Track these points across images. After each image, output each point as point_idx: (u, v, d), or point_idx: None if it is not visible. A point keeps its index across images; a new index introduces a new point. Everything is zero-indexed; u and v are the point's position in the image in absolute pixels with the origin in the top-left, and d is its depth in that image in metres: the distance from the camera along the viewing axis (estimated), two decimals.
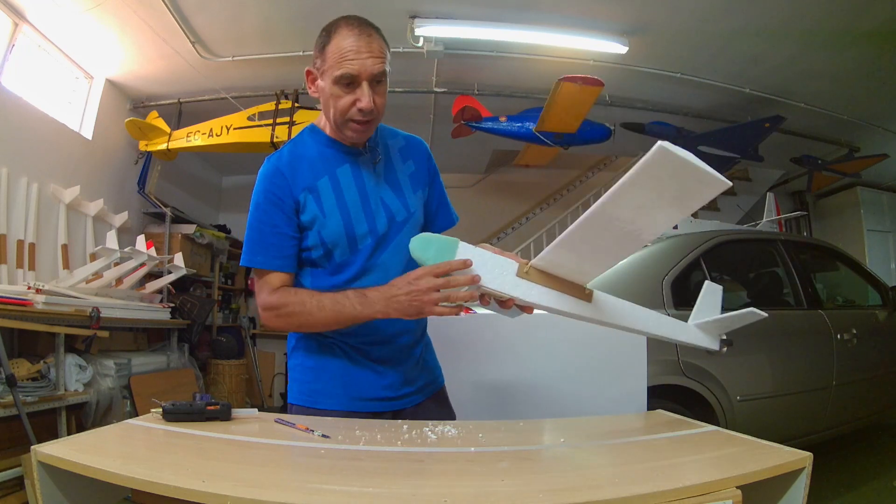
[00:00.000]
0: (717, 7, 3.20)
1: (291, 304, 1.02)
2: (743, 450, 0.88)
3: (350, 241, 1.06)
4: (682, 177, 0.66)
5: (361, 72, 0.99)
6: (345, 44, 0.98)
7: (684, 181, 0.66)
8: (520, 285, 0.86)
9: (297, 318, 1.03)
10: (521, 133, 4.13)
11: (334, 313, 0.99)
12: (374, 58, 0.99)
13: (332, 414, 1.07)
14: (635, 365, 1.37)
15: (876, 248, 5.97)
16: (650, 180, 0.67)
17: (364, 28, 1.00)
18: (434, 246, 0.85)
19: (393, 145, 1.17)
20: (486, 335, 1.50)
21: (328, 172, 1.07)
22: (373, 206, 1.09)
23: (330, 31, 1.02)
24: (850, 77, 3.92)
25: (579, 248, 0.80)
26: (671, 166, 0.64)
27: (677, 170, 0.64)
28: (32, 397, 2.34)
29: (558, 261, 0.84)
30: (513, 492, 0.68)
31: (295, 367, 1.14)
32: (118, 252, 3.22)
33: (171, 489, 0.64)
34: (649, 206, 0.71)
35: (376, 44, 1.00)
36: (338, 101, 1.01)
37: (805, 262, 2.77)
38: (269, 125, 3.78)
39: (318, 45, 1.03)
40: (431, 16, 3.31)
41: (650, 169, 0.65)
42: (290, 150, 1.09)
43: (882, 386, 2.77)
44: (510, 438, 0.96)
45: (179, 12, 3.14)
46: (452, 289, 0.87)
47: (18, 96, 3.12)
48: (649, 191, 0.68)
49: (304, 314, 1.01)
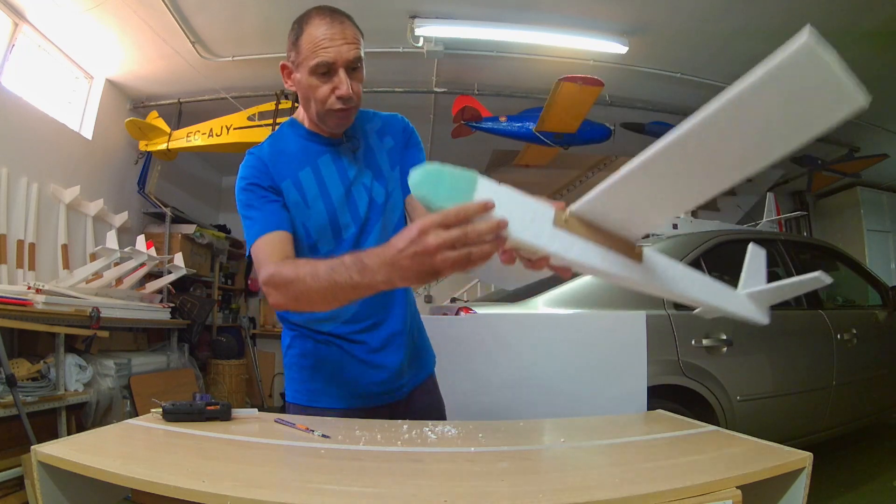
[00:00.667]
0: (717, 7, 3.20)
1: (285, 273, 0.89)
2: (743, 450, 0.88)
3: (334, 230, 1.07)
4: (820, 90, 0.52)
5: (337, 58, 0.98)
6: (317, 32, 0.97)
7: (820, 96, 0.52)
8: (557, 237, 0.64)
9: (292, 288, 0.87)
10: (521, 133, 4.13)
11: (329, 283, 0.80)
12: (349, 44, 0.98)
13: (332, 412, 1.08)
14: (635, 365, 1.37)
15: (876, 248, 5.96)
16: (777, 89, 0.51)
17: (336, 16, 1.00)
18: (446, 182, 0.62)
19: (370, 129, 1.16)
20: (486, 335, 1.50)
21: (310, 164, 1.07)
22: (354, 193, 1.09)
23: (301, 22, 1.00)
24: None
25: (648, 185, 0.61)
26: (813, 73, 0.50)
27: (819, 80, 0.50)
28: (32, 397, 2.34)
29: (610, 206, 0.64)
30: (513, 492, 0.68)
31: (291, 365, 1.14)
32: (118, 252, 3.22)
33: (171, 489, 0.64)
34: (768, 122, 0.55)
35: (350, 30, 0.99)
36: (316, 91, 1.00)
37: (805, 262, 2.78)
38: (269, 125, 3.78)
39: (290, 39, 1.02)
40: (431, 16, 3.31)
41: (784, 72, 0.50)
42: (271, 143, 1.10)
43: (882, 386, 2.77)
44: (510, 438, 0.96)
45: (179, 12, 3.14)
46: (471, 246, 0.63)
47: (18, 96, 3.12)
48: (777, 101, 0.53)
49: (298, 282, 0.85)
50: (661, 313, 2.15)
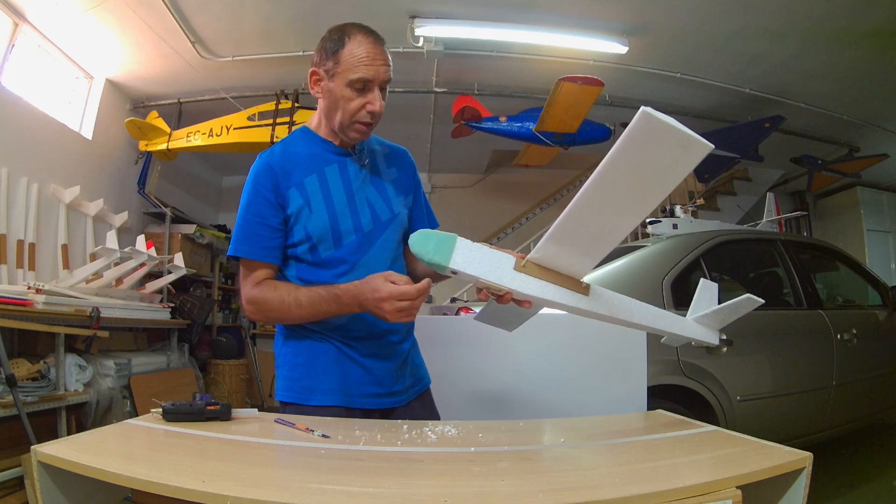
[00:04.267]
0: (717, 7, 3.20)
1: (270, 301, 1.06)
2: (743, 450, 0.88)
3: (335, 236, 1.09)
4: (667, 143, 0.67)
5: (376, 77, 1.05)
6: (360, 50, 1.04)
7: (669, 148, 0.68)
8: (517, 278, 0.86)
9: (275, 314, 1.08)
10: (521, 133, 4.13)
11: (312, 312, 1.04)
12: (387, 66, 1.07)
13: (326, 410, 1.08)
14: (635, 365, 1.37)
15: (876, 248, 5.97)
16: (636, 150, 0.68)
17: (378, 37, 1.07)
18: (433, 240, 0.86)
19: (379, 151, 1.22)
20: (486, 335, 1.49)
21: (316, 170, 1.11)
22: (358, 205, 1.13)
23: (343, 35, 1.06)
24: (850, 77, 3.93)
25: (571, 238, 0.81)
26: (656, 132, 0.66)
27: (662, 136, 0.66)
28: (32, 397, 2.34)
29: (552, 254, 0.85)
30: (513, 492, 0.68)
31: (285, 363, 1.14)
32: (118, 252, 3.22)
33: (171, 489, 0.64)
34: (637, 181, 0.72)
35: (387, 53, 1.08)
36: (348, 103, 1.06)
37: (805, 262, 2.77)
38: (269, 125, 3.78)
39: (328, 49, 1.07)
40: (431, 16, 3.31)
41: (635, 137, 0.66)
42: (282, 148, 1.14)
43: (882, 386, 2.77)
44: (510, 438, 0.96)
45: (179, 12, 3.15)
46: (410, 313, 0.97)
47: (18, 96, 3.12)
48: (636, 163, 0.69)
49: (283, 311, 1.06)
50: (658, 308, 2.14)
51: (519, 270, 0.87)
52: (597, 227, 0.80)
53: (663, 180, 0.72)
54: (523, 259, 0.88)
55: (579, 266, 0.87)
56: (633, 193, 0.74)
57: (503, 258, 0.87)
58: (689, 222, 3.94)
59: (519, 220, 6.46)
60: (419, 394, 1.22)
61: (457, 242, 0.86)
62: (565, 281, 0.88)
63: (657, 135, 0.66)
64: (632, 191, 0.73)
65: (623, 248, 2.60)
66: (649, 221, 3.98)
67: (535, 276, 0.87)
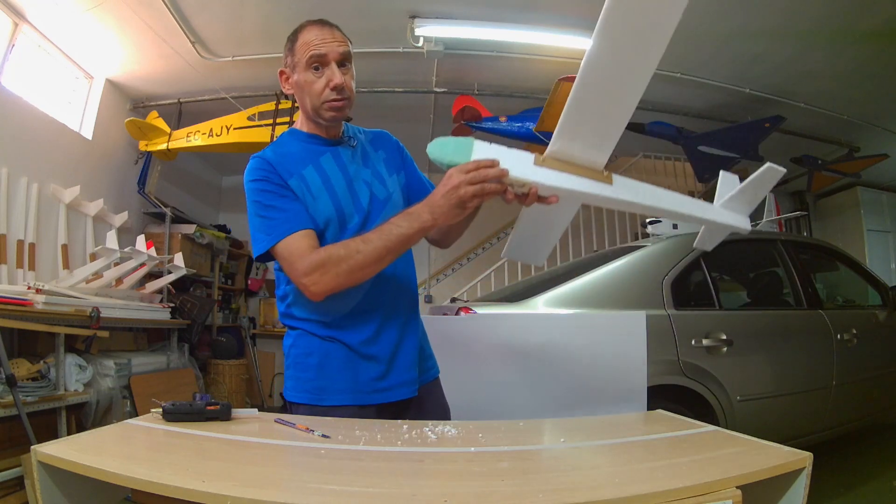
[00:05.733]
0: (716, 7, 3.20)
1: (334, 255, 1.00)
2: (743, 450, 0.88)
3: (340, 219, 1.11)
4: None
5: (329, 52, 1.10)
6: (310, 36, 1.11)
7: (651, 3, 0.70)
8: (539, 172, 0.86)
9: (345, 265, 0.99)
10: (521, 133, 4.12)
11: (383, 241, 0.98)
12: (338, 41, 1.11)
13: (340, 409, 1.08)
14: (635, 365, 1.37)
15: (876, 248, 5.96)
16: (622, 13, 0.70)
17: (325, 22, 1.13)
18: (451, 146, 0.88)
19: (363, 138, 1.26)
20: (486, 335, 1.50)
21: (312, 162, 1.14)
22: (356, 187, 1.16)
23: (296, 32, 1.14)
24: (850, 77, 3.92)
25: (581, 126, 0.82)
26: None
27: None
28: (32, 397, 2.34)
29: (568, 146, 0.85)
30: (513, 492, 0.68)
31: (296, 364, 1.14)
32: (118, 252, 3.22)
33: (171, 489, 0.64)
34: (628, 46, 0.74)
35: (338, 33, 1.13)
36: (312, 86, 1.11)
37: (805, 262, 2.77)
38: (269, 125, 3.78)
39: (287, 48, 1.15)
40: (431, 16, 3.31)
41: None
42: (273, 148, 1.16)
43: (882, 386, 2.77)
44: (510, 438, 0.96)
45: (179, 12, 3.14)
46: (483, 182, 0.89)
47: (18, 96, 3.12)
48: (624, 28, 0.72)
49: (351, 256, 0.99)
50: (661, 313, 2.15)
51: (539, 165, 0.87)
52: (605, 102, 0.80)
53: (652, 45, 0.75)
54: (541, 155, 0.88)
55: (597, 152, 0.86)
56: (630, 53, 0.75)
57: (522, 154, 0.88)
58: None
59: None
60: (429, 381, 1.23)
61: (475, 143, 0.88)
62: (586, 171, 0.88)
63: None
64: (628, 51, 0.75)
65: (623, 248, 2.60)
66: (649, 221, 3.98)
67: (556, 169, 0.87)
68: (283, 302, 1.17)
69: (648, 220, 3.99)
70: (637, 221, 4.97)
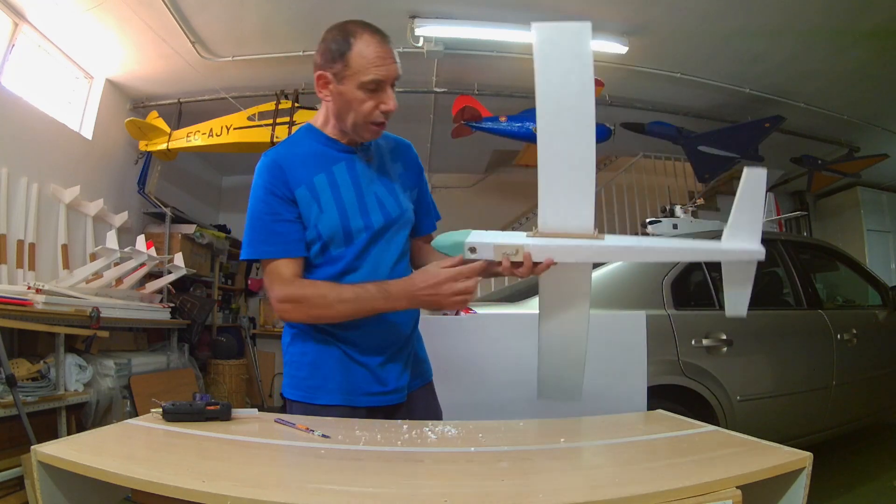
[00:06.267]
0: (716, 7, 3.20)
1: (312, 298, 1.03)
2: (743, 450, 0.88)
3: (346, 234, 1.09)
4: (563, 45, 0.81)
5: (388, 77, 1.05)
6: (369, 51, 1.03)
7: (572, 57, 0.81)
8: (531, 240, 0.91)
9: (316, 311, 1.04)
10: (521, 133, 4.13)
11: (355, 307, 1.02)
12: (396, 63, 1.06)
13: (331, 409, 1.08)
14: (635, 365, 1.37)
15: (876, 248, 5.96)
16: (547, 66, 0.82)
17: (384, 36, 1.06)
18: (451, 236, 0.95)
19: (384, 146, 1.21)
20: (486, 335, 1.50)
21: (324, 169, 1.10)
22: (367, 202, 1.12)
23: (347, 36, 1.04)
24: (850, 77, 3.92)
25: (555, 187, 0.88)
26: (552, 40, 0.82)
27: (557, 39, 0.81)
28: (32, 397, 2.34)
29: (552, 214, 0.90)
30: (513, 492, 0.68)
31: (292, 362, 1.15)
32: (118, 252, 3.22)
33: (171, 489, 0.64)
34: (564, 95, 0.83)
35: (394, 50, 1.07)
36: (361, 104, 1.05)
37: (805, 262, 2.77)
38: (269, 125, 3.78)
39: (334, 51, 1.04)
40: (431, 16, 3.31)
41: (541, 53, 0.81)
42: (287, 146, 1.13)
43: (882, 386, 2.77)
44: (510, 438, 0.96)
45: (179, 12, 3.14)
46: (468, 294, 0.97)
47: (18, 96, 3.12)
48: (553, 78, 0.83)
49: (325, 307, 1.02)
50: (661, 313, 2.15)
51: (531, 236, 0.92)
52: (567, 160, 0.87)
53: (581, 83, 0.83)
54: (533, 230, 0.94)
55: (580, 215, 0.90)
56: (570, 109, 0.84)
57: (516, 234, 0.94)
58: (689, 222, 3.94)
59: (519, 220, 6.45)
60: (421, 387, 1.22)
61: (471, 232, 0.95)
62: (576, 235, 0.91)
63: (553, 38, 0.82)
64: (568, 108, 0.84)
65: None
66: (649, 221, 3.98)
67: (547, 237, 0.91)
68: None
69: (648, 220, 4.00)
70: (637, 221, 4.97)
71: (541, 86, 0.86)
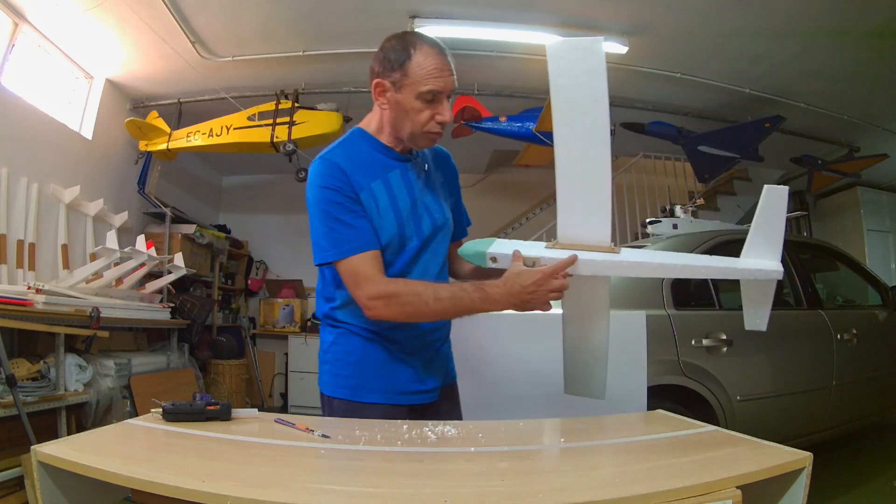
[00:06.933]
0: (717, 7, 3.20)
1: (405, 295, 1.02)
2: (743, 450, 0.89)
3: (401, 241, 1.11)
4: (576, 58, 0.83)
5: (445, 88, 1.07)
6: (428, 62, 1.05)
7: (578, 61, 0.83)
8: (550, 251, 0.96)
9: (410, 308, 1.03)
10: (521, 133, 4.12)
11: (452, 305, 1.02)
12: (453, 76, 1.09)
13: (374, 407, 1.11)
14: (635, 365, 1.37)
15: (876, 248, 5.95)
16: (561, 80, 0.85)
17: (441, 47, 1.09)
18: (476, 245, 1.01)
19: (428, 155, 1.23)
20: (487, 335, 1.50)
21: (381, 176, 1.12)
22: (419, 211, 1.15)
23: (407, 46, 1.06)
24: (850, 77, 3.92)
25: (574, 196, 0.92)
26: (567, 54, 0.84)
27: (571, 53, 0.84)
28: (32, 397, 2.34)
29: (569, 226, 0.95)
30: (513, 492, 0.68)
31: (336, 361, 1.16)
32: (118, 252, 3.22)
33: (171, 489, 0.64)
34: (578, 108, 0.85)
35: (452, 63, 1.09)
36: (418, 114, 1.07)
37: (805, 262, 2.77)
38: (269, 125, 3.78)
39: (393, 60, 1.07)
40: (431, 16, 3.31)
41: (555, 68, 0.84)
42: (343, 149, 1.12)
43: (882, 386, 2.77)
44: (510, 438, 0.96)
45: (179, 12, 3.14)
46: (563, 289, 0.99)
47: (18, 96, 3.12)
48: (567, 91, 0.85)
49: (420, 304, 1.02)
50: (661, 313, 2.15)
51: (550, 248, 0.96)
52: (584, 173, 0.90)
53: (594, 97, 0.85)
54: (552, 241, 0.99)
55: (597, 228, 0.94)
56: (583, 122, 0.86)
57: (535, 244, 0.99)
58: (689, 222, 3.94)
59: (519, 220, 6.45)
60: (448, 385, 1.26)
61: (494, 240, 1.02)
62: (594, 248, 0.95)
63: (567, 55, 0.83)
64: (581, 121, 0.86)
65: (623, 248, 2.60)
66: (649, 221, 3.98)
67: (566, 248, 0.95)
68: (329, 303, 1.18)
69: (648, 220, 3.99)
70: (637, 221, 4.97)
71: (557, 102, 0.87)
